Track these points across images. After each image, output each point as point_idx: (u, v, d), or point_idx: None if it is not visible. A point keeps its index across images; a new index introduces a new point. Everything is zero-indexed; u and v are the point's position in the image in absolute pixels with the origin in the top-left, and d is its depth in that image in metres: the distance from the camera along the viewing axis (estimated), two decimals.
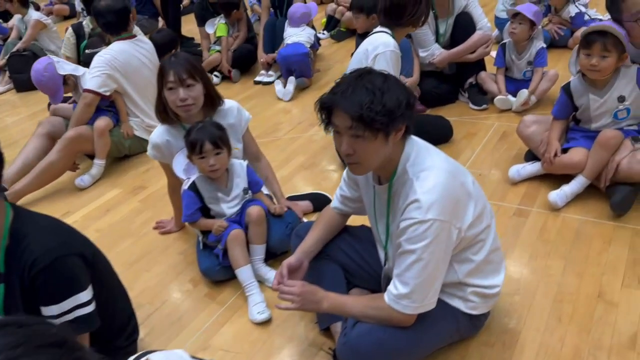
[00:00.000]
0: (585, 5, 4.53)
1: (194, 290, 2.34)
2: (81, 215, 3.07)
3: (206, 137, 2.19)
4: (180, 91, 2.24)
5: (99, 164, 3.37)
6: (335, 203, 2.01)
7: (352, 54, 2.99)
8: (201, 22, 5.03)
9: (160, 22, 7.34)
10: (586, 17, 4.39)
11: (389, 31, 2.81)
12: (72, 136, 3.24)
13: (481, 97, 3.67)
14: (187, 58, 2.29)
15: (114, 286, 1.87)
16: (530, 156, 2.82)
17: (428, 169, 1.59)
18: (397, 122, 1.52)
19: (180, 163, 2.34)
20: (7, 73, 5.50)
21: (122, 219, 2.96)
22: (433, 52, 3.64)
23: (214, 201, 2.29)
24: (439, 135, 3.22)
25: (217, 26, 4.80)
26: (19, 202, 3.04)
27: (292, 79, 4.29)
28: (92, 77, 3.30)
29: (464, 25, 3.67)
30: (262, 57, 4.73)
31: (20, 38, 5.56)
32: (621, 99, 2.47)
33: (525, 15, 3.41)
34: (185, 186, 2.29)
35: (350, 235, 2.04)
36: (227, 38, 4.72)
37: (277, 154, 3.41)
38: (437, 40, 3.70)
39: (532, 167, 2.74)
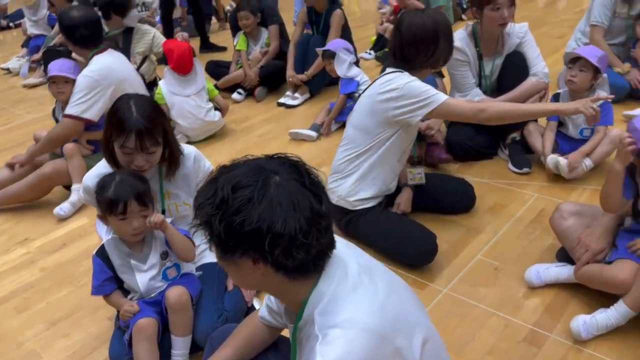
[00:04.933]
0: None
1: None
2: (37, 245, 2.74)
3: (131, 194, 1.75)
4: (138, 158, 1.83)
5: (77, 188, 3.01)
6: (262, 311, 1.51)
7: None
8: (235, 32, 4.68)
9: (214, 22, 7.08)
10: None
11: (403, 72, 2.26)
12: (48, 173, 2.95)
13: (524, 158, 3.00)
14: (149, 112, 1.83)
15: None
16: (563, 255, 2.16)
17: (342, 325, 1.05)
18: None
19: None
20: (43, 67, 5.38)
21: (72, 259, 2.59)
22: (472, 98, 3.02)
23: (126, 270, 1.82)
24: (456, 204, 2.63)
25: (239, 38, 4.41)
26: None
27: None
28: (83, 103, 2.95)
29: (515, 68, 3.02)
30: (290, 75, 4.27)
31: None
32: None
33: (588, 61, 2.74)
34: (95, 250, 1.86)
35: (279, 356, 1.53)
36: (246, 52, 4.31)
37: None
38: (479, 84, 3.08)
39: (559, 272, 2.08)
